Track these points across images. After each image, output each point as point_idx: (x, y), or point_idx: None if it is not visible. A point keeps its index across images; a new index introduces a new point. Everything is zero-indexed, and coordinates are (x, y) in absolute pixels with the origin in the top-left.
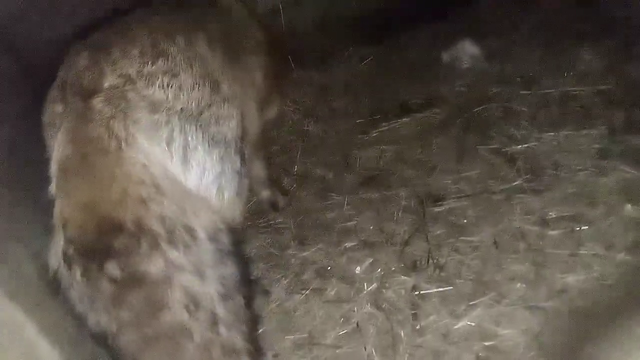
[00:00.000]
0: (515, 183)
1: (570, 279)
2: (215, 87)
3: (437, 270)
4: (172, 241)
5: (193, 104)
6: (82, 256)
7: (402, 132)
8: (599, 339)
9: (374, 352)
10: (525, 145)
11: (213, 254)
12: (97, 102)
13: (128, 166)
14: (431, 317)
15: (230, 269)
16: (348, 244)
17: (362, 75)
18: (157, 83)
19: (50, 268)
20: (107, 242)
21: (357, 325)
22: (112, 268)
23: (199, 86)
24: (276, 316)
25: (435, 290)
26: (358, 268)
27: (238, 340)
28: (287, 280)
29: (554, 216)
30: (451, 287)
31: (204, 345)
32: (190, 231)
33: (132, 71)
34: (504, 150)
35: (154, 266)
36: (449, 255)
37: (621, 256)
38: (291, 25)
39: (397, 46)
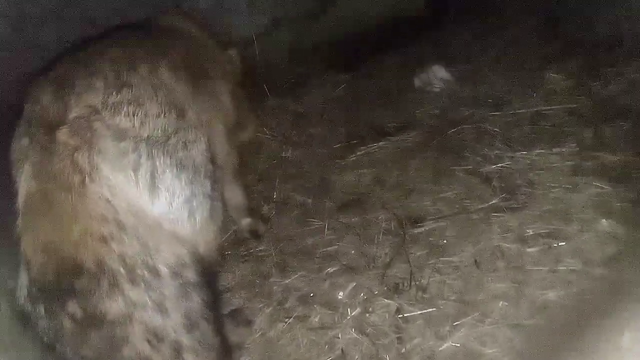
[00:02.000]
0: (492, 202)
1: (551, 295)
2: (180, 113)
3: (420, 292)
4: (132, 280)
5: (159, 130)
6: (45, 295)
7: (379, 156)
8: (582, 353)
9: None
10: (500, 164)
11: (176, 288)
12: (62, 134)
13: (90, 203)
14: (416, 340)
15: (195, 301)
16: (330, 269)
17: (337, 102)
18: (123, 112)
19: (17, 301)
20: (68, 282)
21: (342, 351)
22: (73, 308)
23: (164, 113)
24: (260, 346)
25: (419, 312)
26: (341, 293)
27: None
28: (270, 308)
29: (532, 233)
30: (434, 309)
31: None
32: (152, 269)
33: (97, 102)
34: (479, 170)
35: (114, 305)
36: (430, 276)
37: (599, 270)
38: (265, 54)
39: (369, 72)
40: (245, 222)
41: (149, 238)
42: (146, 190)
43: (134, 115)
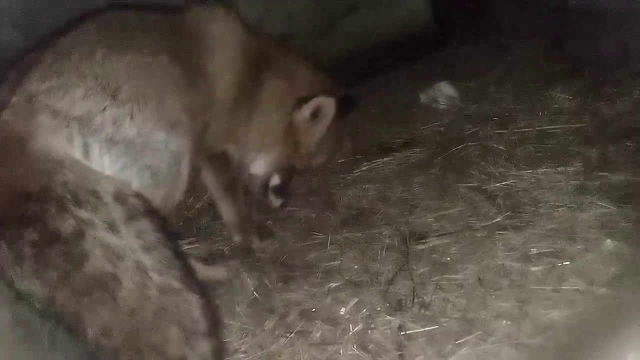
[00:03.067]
0: (496, 220)
1: (554, 314)
2: (112, 93)
3: (423, 309)
4: (78, 202)
5: (85, 110)
6: (2, 228)
7: (384, 172)
8: None
9: None
10: (504, 182)
11: (123, 212)
12: (5, 114)
13: (31, 150)
14: (418, 358)
15: (146, 224)
16: (332, 285)
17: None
18: (54, 95)
19: None
20: (20, 211)
21: None
22: (30, 233)
23: (87, 96)
24: None
25: (421, 329)
26: (343, 309)
27: (174, 282)
28: (271, 323)
29: (536, 252)
30: (437, 326)
31: (137, 288)
32: (94, 193)
33: (33, 88)
34: (483, 188)
35: (64, 224)
36: (433, 293)
37: (603, 291)
38: None
39: (376, 88)
40: (237, 238)
41: (89, 172)
42: (82, 157)
43: (63, 98)
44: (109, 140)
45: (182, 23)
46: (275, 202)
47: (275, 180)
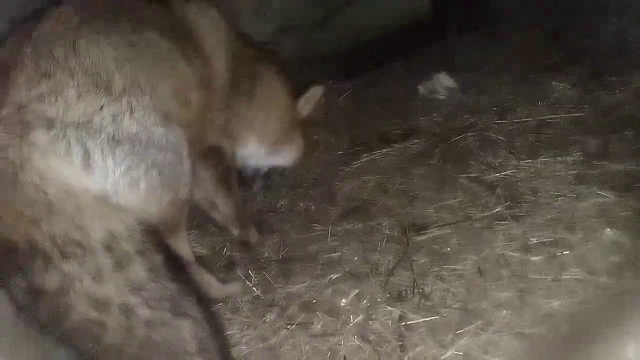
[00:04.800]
0: (496, 210)
1: (555, 304)
2: (106, 87)
3: (423, 300)
4: (64, 256)
5: (80, 113)
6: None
7: (383, 163)
8: None
9: None
10: (504, 172)
11: (111, 260)
12: None
13: (21, 191)
14: (418, 348)
15: (136, 266)
16: (333, 276)
17: (342, 109)
18: (46, 102)
19: None
20: (10, 260)
21: (344, 358)
22: (20, 281)
23: (83, 95)
24: (262, 352)
25: (422, 320)
26: (344, 300)
27: (164, 313)
28: (272, 315)
29: (536, 242)
30: (437, 317)
31: (123, 328)
32: (81, 245)
33: (21, 97)
34: (483, 178)
35: (50, 279)
36: (434, 284)
37: (603, 280)
38: None
39: (374, 80)
40: (235, 232)
41: (79, 217)
42: (81, 170)
43: (56, 103)
44: (112, 139)
45: (166, 6)
46: (258, 187)
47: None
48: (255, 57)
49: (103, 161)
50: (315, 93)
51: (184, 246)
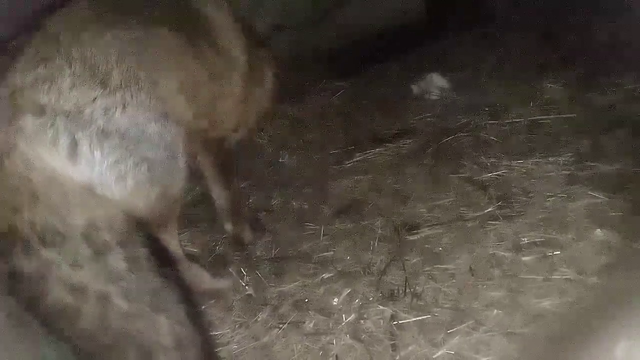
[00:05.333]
0: (488, 210)
1: (546, 303)
2: (102, 80)
3: (415, 299)
4: (44, 243)
5: (72, 103)
6: None
7: (376, 162)
8: None
9: None
10: (496, 172)
11: (90, 249)
12: None
13: (6, 178)
14: (410, 347)
15: (115, 256)
16: (325, 275)
17: (335, 108)
18: (40, 88)
19: None
20: None
21: (336, 357)
22: (1, 266)
23: (78, 85)
24: (254, 351)
25: (414, 319)
26: (336, 299)
27: (143, 306)
28: (264, 314)
29: (527, 242)
30: (429, 316)
31: (97, 316)
32: (61, 234)
33: (17, 81)
34: (475, 178)
35: (28, 264)
36: (425, 283)
37: (593, 279)
38: None
39: (368, 79)
40: (227, 227)
41: (62, 205)
42: (67, 160)
43: (49, 91)
44: (101, 132)
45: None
46: None
47: None
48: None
49: (90, 153)
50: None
51: (173, 242)
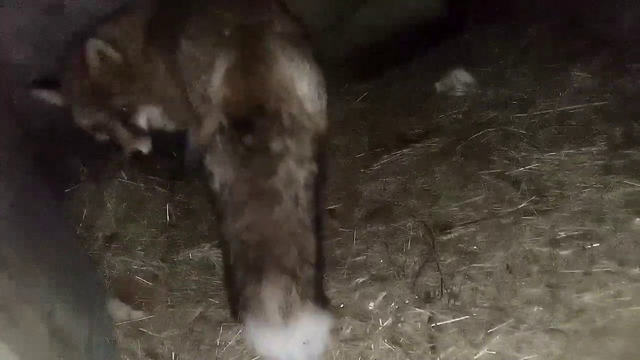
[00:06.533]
0: (522, 205)
1: (587, 298)
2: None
3: (452, 300)
4: (291, 133)
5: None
6: (232, 127)
7: (404, 163)
8: (622, 357)
9: None
10: (528, 167)
11: (310, 153)
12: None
13: (277, 74)
14: (450, 349)
15: (314, 166)
16: (359, 280)
17: (359, 111)
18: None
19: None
20: (252, 119)
21: None
22: (248, 139)
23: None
24: None
25: (452, 320)
26: (372, 304)
27: (309, 221)
28: None
29: (564, 236)
30: (468, 316)
31: (286, 213)
32: (302, 130)
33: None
34: (506, 173)
35: (275, 144)
36: (462, 283)
37: (635, 271)
38: None
39: (390, 80)
40: None
41: (305, 113)
42: (297, 77)
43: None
44: (312, 60)
45: None
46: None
47: None
48: None
49: (308, 74)
50: None
51: None
